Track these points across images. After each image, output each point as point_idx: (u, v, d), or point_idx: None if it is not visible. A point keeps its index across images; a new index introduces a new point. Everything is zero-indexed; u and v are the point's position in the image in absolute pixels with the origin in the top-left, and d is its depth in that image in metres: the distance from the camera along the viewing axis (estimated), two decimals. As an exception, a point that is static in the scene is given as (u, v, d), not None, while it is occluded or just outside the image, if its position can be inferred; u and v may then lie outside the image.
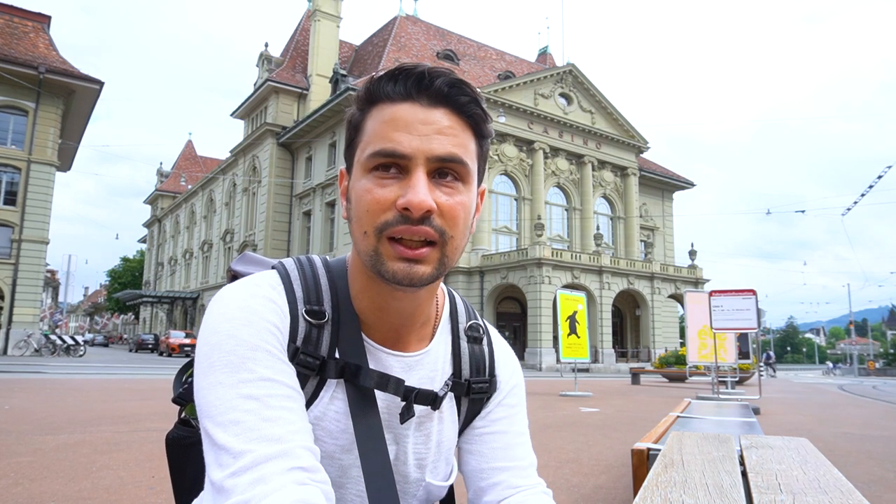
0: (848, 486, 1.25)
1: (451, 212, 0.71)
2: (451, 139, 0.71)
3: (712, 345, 11.72)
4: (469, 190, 0.74)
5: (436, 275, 0.72)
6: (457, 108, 0.72)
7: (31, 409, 6.76)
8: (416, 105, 0.71)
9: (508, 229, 35.57)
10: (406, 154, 0.69)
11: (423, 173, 0.69)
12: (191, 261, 53.25)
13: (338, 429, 0.76)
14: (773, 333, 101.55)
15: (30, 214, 25.93)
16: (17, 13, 28.10)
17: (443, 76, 0.71)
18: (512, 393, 0.92)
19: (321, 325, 0.77)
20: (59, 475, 3.49)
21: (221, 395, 0.66)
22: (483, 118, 0.75)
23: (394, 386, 0.78)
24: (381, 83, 0.73)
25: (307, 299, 0.77)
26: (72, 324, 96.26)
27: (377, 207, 0.69)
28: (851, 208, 30.53)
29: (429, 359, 0.84)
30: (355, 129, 0.76)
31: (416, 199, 0.67)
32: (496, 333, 0.97)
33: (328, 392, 0.76)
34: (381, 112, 0.72)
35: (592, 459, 4.64)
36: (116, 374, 14.54)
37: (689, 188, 47.93)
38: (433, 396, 0.82)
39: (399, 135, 0.70)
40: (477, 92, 0.74)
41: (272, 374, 0.68)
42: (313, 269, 0.81)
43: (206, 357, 0.69)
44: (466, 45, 43.76)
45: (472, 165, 0.74)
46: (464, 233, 0.74)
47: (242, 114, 44.93)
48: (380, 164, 0.70)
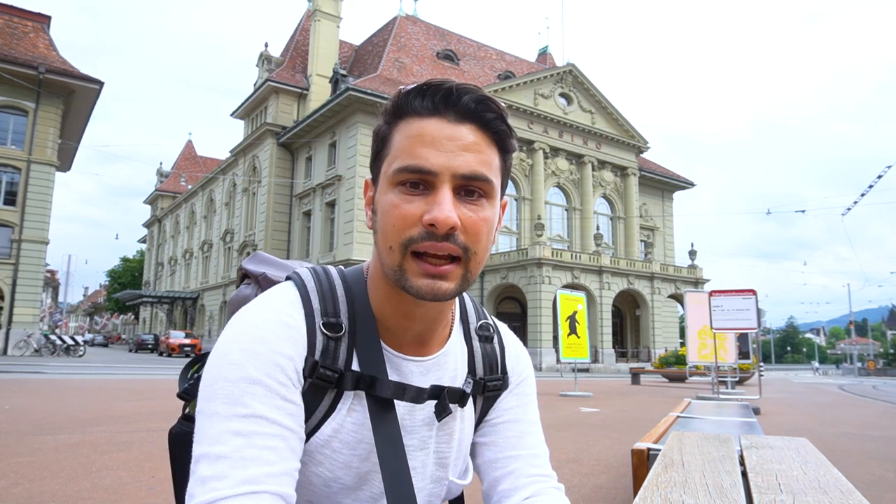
0: (848, 486, 1.25)
1: (474, 228, 0.71)
2: (476, 156, 0.72)
3: (712, 345, 11.72)
4: (493, 206, 0.75)
5: (458, 291, 0.73)
6: (483, 125, 0.73)
7: (31, 409, 6.76)
8: (442, 120, 0.72)
9: (508, 229, 35.57)
10: (432, 171, 0.70)
11: (449, 190, 0.70)
12: (191, 261, 53.23)
13: (355, 439, 0.77)
14: (774, 333, 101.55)
15: (30, 214, 25.93)
16: (17, 13, 28.10)
17: (470, 93, 0.72)
18: (523, 383, 0.95)
19: (338, 338, 0.77)
20: (58, 475, 3.49)
21: (215, 425, 0.67)
22: (508, 134, 0.76)
23: (411, 395, 0.79)
24: (409, 97, 0.74)
25: (324, 311, 0.78)
26: (72, 324, 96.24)
27: (403, 223, 0.70)
28: (852, 208, 30.57)
29: (447, 360, 0.85)
30: (382, 142, 0.76)
31: (441, 215, 0.68)
32: (506, 330, 0.98)
33: (346, 404, 0.77)
34: (408, 126, 0.73)
35: (592, 459, 4.64)
36: (116, 374, 14.54)
37: (689, 188, 47.95)
38: (461, 394, 0.84)
39: (426, 151, 0.70)
40: (503, 108, 0.75)
41: (266, 410, 0.69)
42: (330, 281, 0.82)
43: (211, 383, 0.70)
44: (466, 45, 43.75)
45: (495, 181, 0.74)
46: (486, 248, 0.74)
47: (242, 114, 44.93)
48: (406, 180, 0.71)
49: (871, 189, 28.95)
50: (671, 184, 46.32)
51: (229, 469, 0.65)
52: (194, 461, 0.67)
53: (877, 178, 28.30)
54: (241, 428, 0.67)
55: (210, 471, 0.65)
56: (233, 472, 0.64)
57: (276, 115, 40.08)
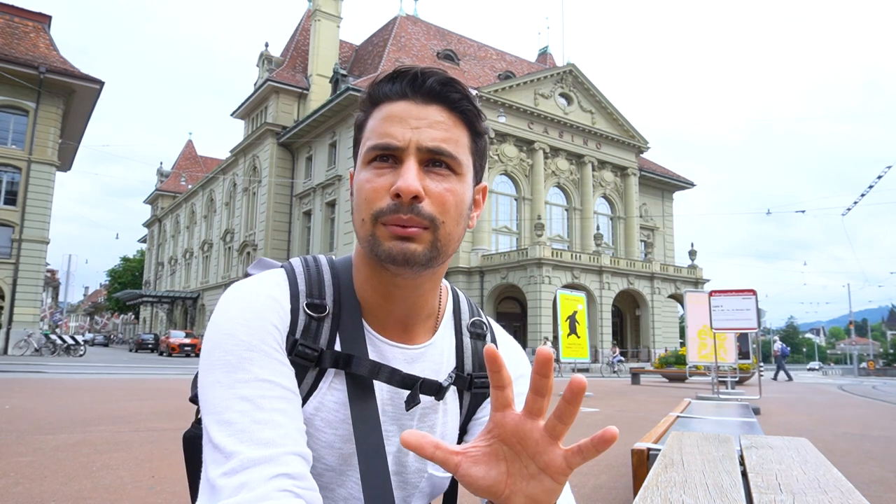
0: (848, 485, 1.25)
1: (439, 198, 0.74)
2: (442, 133, 0.75)
3: (712, 345, 11.72)
4: (462, 181, 0.77)
5: (428, 255, 0.74)
6: (449, 105, 0.77)
7: (31, 409, 6.77)
8: (410, 103, 0.76)
9: (508, 229, 35.57)
10: (399, 145, 0.74)
11: (415, 162, 0.73)
12: (191, 261, 53.25)
13: (336, 419, 0.78)
14: (773, 333, 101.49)
15: (30, 214, 25.94)
16: (17, 13, 28.10)
17: (435, 75, 0.76)
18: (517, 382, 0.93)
19: (321, 318, 0.80)
20: (59, 475, 3.49)
21: (219, 394, 0.68)
22: (475, 114, 0.79)
23: (386, 374, 0.80)
24: (380, 85, 0.78)
25: (309, 293, 0.81)
26: (72, 323, 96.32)
27: (374, 195, 0.74)
28: (851, 208, 30.51)
29: (432, 351, 0.86)
30: (359, 130, 0.81)
31: (404, 184, 0.71)
32: (500, 330, 0.98)
33: (326, 382, 0.79)
34: (380, 111, 0.77)
35: (592, 459, 4.64)
36: (116, 374, 14.54)
37: (689, 188, 47.96)
38: (437, 386, 0.84)
39: (394, 129, 0.74)
40: (468, 90, 0.78)
41: (268, 374, 0.71)
42: (317, 266, 0.85)
43: (208, 355, 0.72)
44: (466, 45, 43.75)
45: (463, 158, 0.77)
46: (456, 220, 0.76)
47: (243, 114, 44.94)
48: (377, 156, 0.75)
49: (871, 189, 28.95)
50: (671, 184, 46.32)
51: (243, 433, 0.65)
52: (205, 432, 0.68)
53: (877, 179, 28.28)
54: (246, 393, 0.68)
55: (224, 439, 0.65)
56: (248, 436, 0.65)
57: (276, 114, 40.08)
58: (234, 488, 0.62)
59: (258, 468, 0.63)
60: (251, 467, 0.63)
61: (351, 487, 0.81)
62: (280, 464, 0.64)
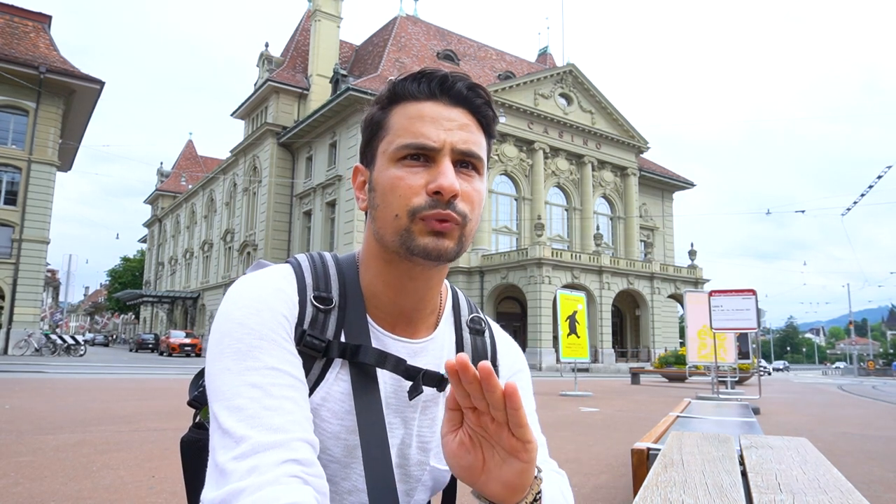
0: (848, 485, 1.25)
1: (470, 196, 0.78)
2: (469, 135, 0.79)
3: (712, 345, 11.72)
4: (482, 181, 0.82)
5: (457, 251, 0.78)
6: (472, 109, 0.81)
7: (31, 408, 6.77)
8: (438, 104, 0.79)
9: (508, 229, 35.57)
10: (435, 146, 0.77)
11: (450, 162, 0.77)
12: (191, 260, 53.25)
13: (342, 409, 0.80)
14: (773, 333, 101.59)
15: (30, 214, 25.94)
16: (17, 13, 28.10)
17: (463, 80, 0.80)
18: (516, 376, 0.96)
19: (328, 311, 0.82)
20: (59, 475, 3.49)
21: (229, 380, 0.70)
22: (493, 119, 0.83)
23: (392, 363, 0.82)
24: (405, 83, 0.81)
25: (316, 286, 0.83)
26: (72, 323, 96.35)
27: (410, 192, 0.76)
28: (851, 208, 30.54)
29: (434, 346, 0.88)
30: (378, 126, 0.82)
31: (446, 182, 0.75)
32: (498, 327, 1.00)
33: (333, 373, 0.80)
34: (405, 109, 0.80)
35: (592, 459, 4.64)
36: (116, 374, 14.55)
37: (689, 188, 47.95)
38: (439, 378, 0.85)
39: (427, 128, 0.77)
40: (490, 95, 0.82)
41: (277, 363, 0.72)
42: (323, 261, 0.87)
43: (217, 343, 0.73)
44: (466, 45, 43.77)
45: (485, 160, 0.82)
46: (478, 219, 0.81)
47: (243, 114, 44.93)
48: (408, 154, 0.77)
49: (870, 189, 28.95)
50: (671, 184, 46.33)
51: (253, 419, 0.66)
52: (213, 418, 0.69)
53: (876, 179, 28.32)
54: (256, 380, 0.69)
55: (234, 423, 0.66)
56: (258, 422, 0.66)
57: (276, 115, 40.08)
58: (244, 472, 0.62)
59: (268, 452, 0.64)
60: (262, 451, 0.64)
61: (355, 480, 0.82)
62: (290, 449, 0.65)
